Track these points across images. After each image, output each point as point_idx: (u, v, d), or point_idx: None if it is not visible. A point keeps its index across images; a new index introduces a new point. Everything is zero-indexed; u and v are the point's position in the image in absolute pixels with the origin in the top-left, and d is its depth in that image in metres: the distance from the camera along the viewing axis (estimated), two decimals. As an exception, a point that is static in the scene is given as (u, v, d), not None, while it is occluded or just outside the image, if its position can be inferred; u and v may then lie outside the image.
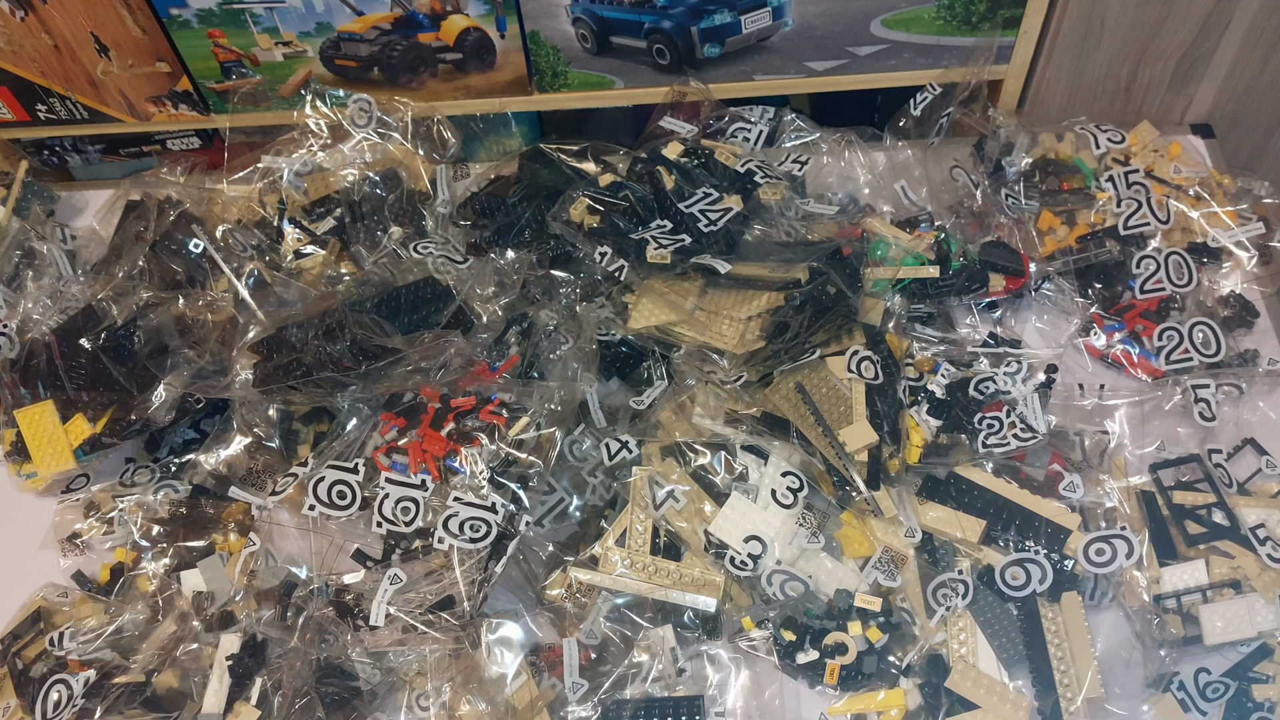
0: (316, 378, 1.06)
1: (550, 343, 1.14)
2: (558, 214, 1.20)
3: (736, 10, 1.31)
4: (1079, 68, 1.36)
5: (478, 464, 1.01)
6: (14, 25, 1.35)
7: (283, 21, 1.34)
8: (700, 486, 1.06)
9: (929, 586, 1.01)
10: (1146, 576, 1.01)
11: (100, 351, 1.17)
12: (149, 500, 1.13)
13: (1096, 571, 1.00)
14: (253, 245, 1.27)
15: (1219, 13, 1.27)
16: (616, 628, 1.02)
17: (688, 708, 0.97)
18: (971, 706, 0.96)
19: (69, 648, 1.03)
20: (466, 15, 1.32)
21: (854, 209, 1.29)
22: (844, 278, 1.09)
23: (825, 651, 0.98)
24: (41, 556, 1.15)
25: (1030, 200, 1.27)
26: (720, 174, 1.23)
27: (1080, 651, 0.97)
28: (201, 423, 1.21)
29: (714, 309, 1.11)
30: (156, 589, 1.07)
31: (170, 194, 1.33)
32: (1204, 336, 1.15)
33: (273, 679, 0.99)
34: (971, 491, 1.06)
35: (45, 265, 1.32)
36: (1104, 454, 1.10)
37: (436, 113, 1.39)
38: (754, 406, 1.09)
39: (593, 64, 1.39)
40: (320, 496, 1.01)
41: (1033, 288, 1.24)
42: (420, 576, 1.00)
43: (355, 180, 1.31)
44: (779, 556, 1.02)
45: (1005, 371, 1.12)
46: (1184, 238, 1.24)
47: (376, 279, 1.18)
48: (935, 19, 1.32)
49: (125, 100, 1.45)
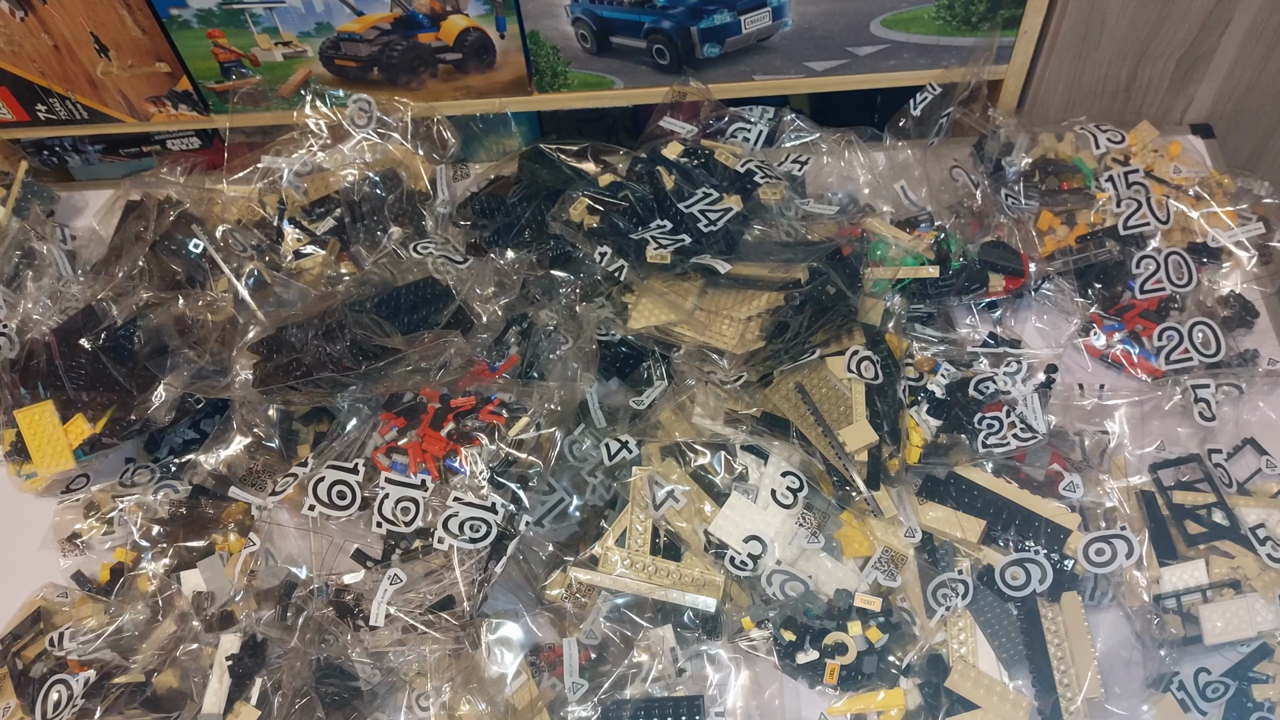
0: (316, 378, 1.06)
1: (550, 343, 1.14)
2: (558, 214, 1.20)
3: (736, 10, 1.31)
4: (1079, 68, 1.36)
5: (478, 464, 1.01)
6: (14, 25, 1.35)
7: (283, 21, 1.33)
8: (700, 486, 1.06)
9: (929, 586, 1.01)
10: (1146, 576, 1.01)
11: (100, 351, 1.17)
12: (149, 500, 1.13)
13: (1097, 571, 1.00)
14: (253, 245, 1.27)
15: (1219, 13, 1.27)
16: (616, 628, 1.02)
17: (688, 708, 0.97)
18: (971, 706, 0.96)
19: (69, 648, 1.03)
20: (466, 15, 1.32)
21: (854, 209, 1.29)
22: (844, 278, 1.09)
23: (825, 651, 0.98)
24: (41, 556, 1.15)
25: (1030, 200, 1.27)
26: (720, 174, 1.23)
27: (1080, 651, 0.97)
28: (201, 423, 1.21)
29: (714, 309, 1.11)
30: (156, 589, 1.07)
31: (170, 194, 1.33)
32: (1204, 336, 1.15)
33: (273, 679, 0.99)
34: (971, 491, 1.06)
35: (45, 265, 1.32)
36: (1104, 454, 1.10)
37: (436, 113, 1.39)
38: (754, 406, 1.09)
39: (593, 64, 1.39)
40: (320, 496, 1.01)
41: (1033, 288, 1.24)
42: (420, 576, 1.00)
43: (355, 180, 1.31)
44: (779, 556, 1.02)
45: (1005, 371, 1.12)
46: (1184, 238, 1.24)
47: (376, 279, 1.18)
48: (935, 19, 1.32)
49: (125, 100, 1.45)
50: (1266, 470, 1.08)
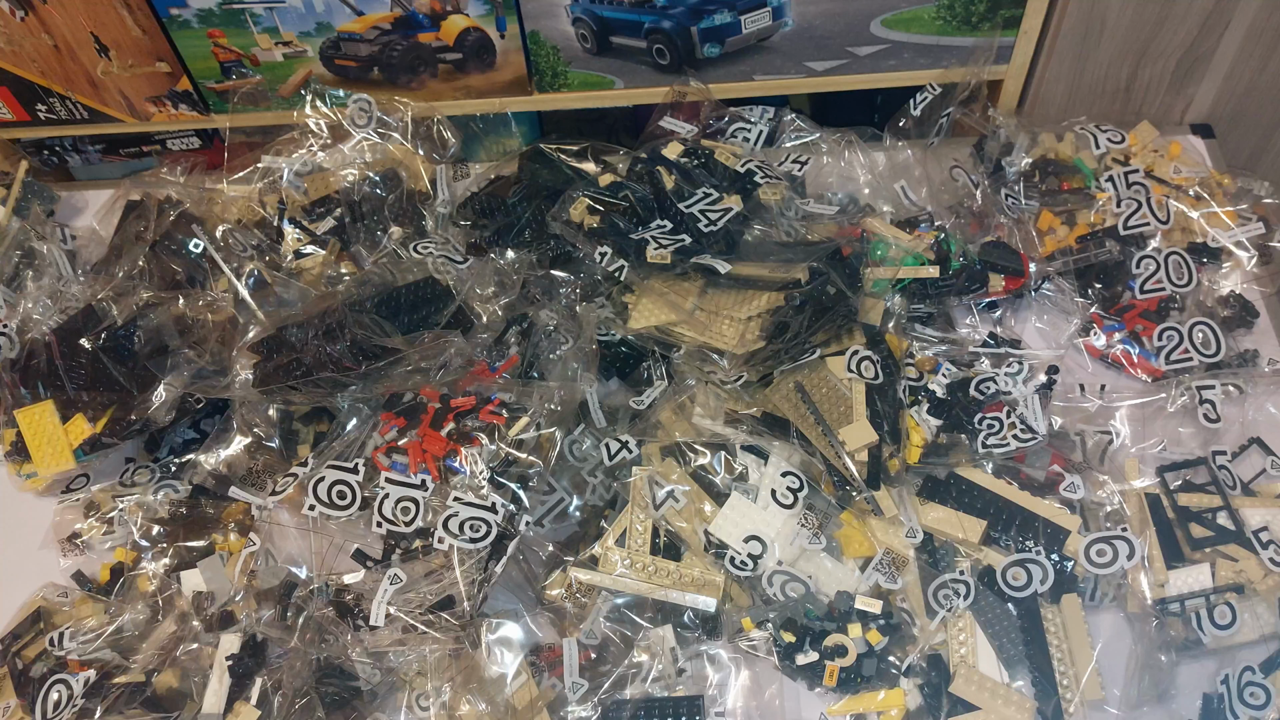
0: (316, 378, 1.06)
1: (550, 343, 1.14)
2: (558, 214, 1.20)
3: (736, 10, 1.31)
4: (1079, 68, 1.36)
5: (478, 464, 1.01)
6: (14, 25, 1.35)
7: (283, 21, 1.33)
8: (700, 486, 1.06)
9: (930, 587, 1.01)
10: (1151, 580, 1.00)
11: (100, 351, 1.17)
12: (149, 500, 1.13)
13: (1098, 573, 1.00)
14: (253, 245, 1.27)
15: (1219, 13, 1.27)
16: (616, 628, 1.02)
17: (688, 708, 0.97)
18: (972, 708, 0.95)
19: (69, 648, 1.03)
20: (466, 15, 1.32)
21: (854, 209, 1.29)
22: (844, 278, 1.09)
23: (825, 653, 0.98)
24: (41, 556, 1.15)
25: (1030, 200, 1.27)
26: (720, 174, 1.23)
27: (1080, 653, 0.97)
28: (201, 423, 1.21)
29: (714, 309, 1.11)
30: (156, 589, 1.07)
31: (170, 194, 1.33)
32: (1204, 336, 1.15)
33: (273, 679, 0.99)
34: (972, 492, 1.06)
35: (45, 265, 1.32)
36: (1104, 454, 1.10)
37: (436, 113, 1.39)
38: (754, 406, 1.09)
39: (593, 64, 1.39)
40: (320, 496, 1.01)
41: (1033, 288, 1.24)
42: (420, 576, 1.00)
43: (355, 180, 1.31)
44: (779, 557, 1.02)
45: (1006, 372, 1.12)
46: (1184, 238, 1.24)
47: (376, 279, 1.18)
48: (935, 19, 1.32)
49: (125, 100, 1.45)
50: (1271, 471, 1.08)
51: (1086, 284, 1.23)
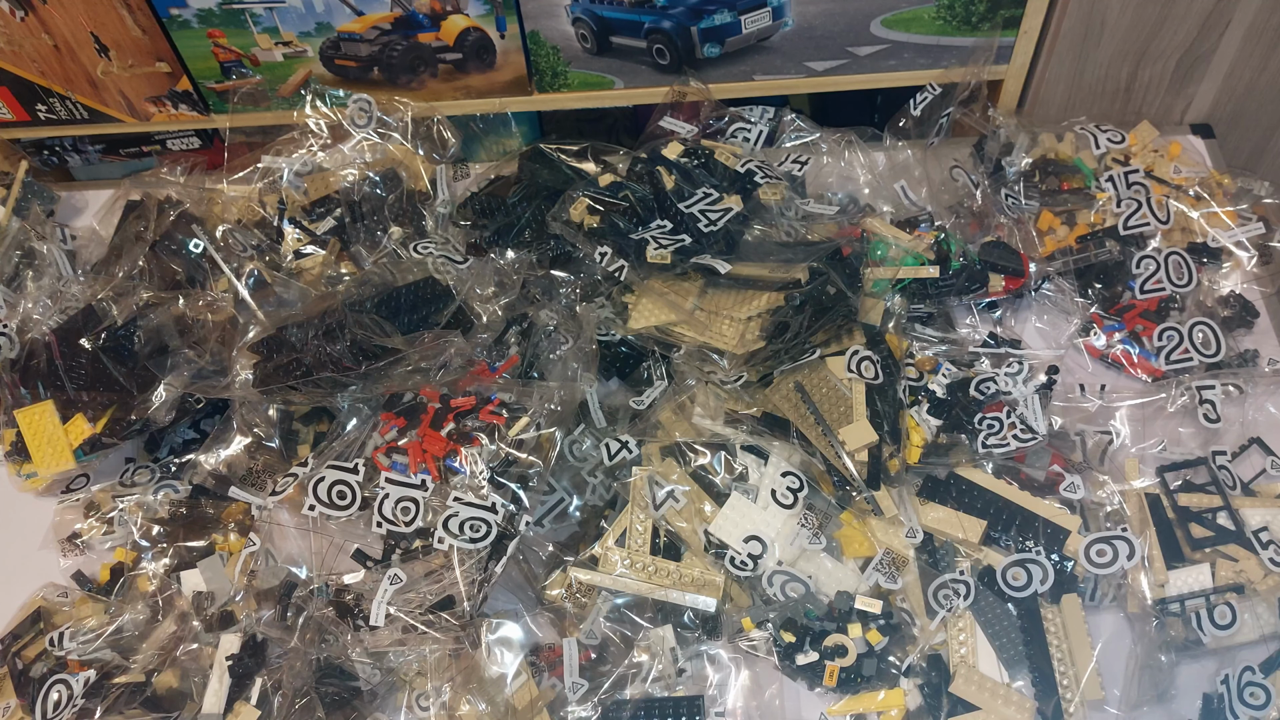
0: (316, 378, 1.06)
1: (550, 343, 1.14)
2: (558, 214, 1.20)
3: (736, 10, 1.31)
4: (1079, 68, 1.36)
5: (478, 464, 1.01)
6: (14, 25, 1.35)
7: (283, 21, 1.33)
8: (700, 486, 1.06)
9: (930, 587, 1.01)
10: (1151, 580, 1.00)
11: (100, 351, 1.17)
12: (149, 500, 1.13)
13: (1098, 573, 1.00)
14: (253, 245, 1.27)
15: (1219, 13, 1.27)
16: (616, 628, 1.02)
17: (688, 708, 0.97)
18: (972, 708, 0.95)
19: (69, 648, 1.03)
20: (466, 15, 1.32)
21: (854, 209, 1.29)
22: (844, 278, 1.09)
23: (825, 653, 0.98)
24: (41, 556, 1.15)
25: (1030, 200, 1.27)
26: (720, 174, 1.23)
27: (1080, 653, 0.97)
28: (201, 423, 1.21)
29: (714, 309, 1.11)
30: (156, 589, 1.07)
31: (170, 194, 1.33)
32: (1204, 336, 1.15)
33: (273, 679, 0.99)
34: (972, 492, 1.06)
35: (45, 265, 1.32)
36: (1104, 454, 1.10)
37: (436, 113, 1.39)
38: (754, 406, 1.09)
39: (593, 64, 1.39)
40: (320, 496, 1.01)
41: (1033, 288, 1.24)
42: (420, 576, 1.00)
43: (355, 180, 1.31)
44: (779, 557, 1.02)
45: (1006, 372, 1.12)
46: (1184, 238, 1.24)
47: (376, 279, 1.18)
48: (935, 19, 1.32)
49: (125, 100, 1.45)
50: (1271, 471, 1.08)
51: (1086, 284, 1.23)
